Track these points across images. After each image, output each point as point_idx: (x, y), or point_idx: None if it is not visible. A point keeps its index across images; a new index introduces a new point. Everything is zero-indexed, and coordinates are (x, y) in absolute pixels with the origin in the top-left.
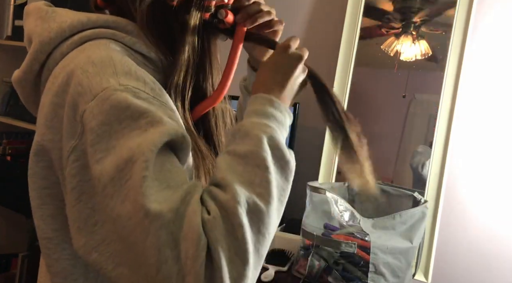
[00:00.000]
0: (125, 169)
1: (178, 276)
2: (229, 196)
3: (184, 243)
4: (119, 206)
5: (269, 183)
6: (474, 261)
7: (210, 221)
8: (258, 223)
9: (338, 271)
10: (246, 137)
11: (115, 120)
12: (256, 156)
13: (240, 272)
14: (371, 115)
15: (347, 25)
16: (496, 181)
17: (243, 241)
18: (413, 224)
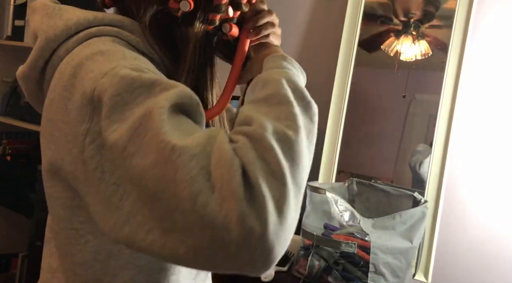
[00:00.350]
0: (142, 124)
1: (216, 203)
2: (256, 126)
3: (216, 171)
4: (142, 161)
5: (295, 115)
6: (474, 261)
7: (240, 148)
8: (289, 150)
9: (338, 271)
10: (264, 85)
11: (125, 90)
12: (277, 95)
13: (280, 191)
14: (371, 115)
15: (347, 25)
16: (496, 181)
17: (277, 164)
18: (413, 224)
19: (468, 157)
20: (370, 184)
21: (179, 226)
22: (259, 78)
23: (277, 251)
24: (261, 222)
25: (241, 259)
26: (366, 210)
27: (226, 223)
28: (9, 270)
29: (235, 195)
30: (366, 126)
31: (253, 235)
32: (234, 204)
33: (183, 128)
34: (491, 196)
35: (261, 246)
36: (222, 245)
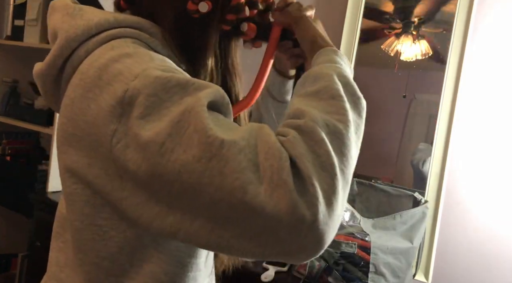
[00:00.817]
0: (182, 120)
1: (265, 194)
2: (306, 118)
3: (265, 163)
4: (183, 155)
5: (346, 110)
6: (475, 261)
7: (289, 141)
8: (339, 143)
9: (338, 271)
10: (316, 79)
11: (161, 90)
12: (329, 89)
13: (330, 184)
14: (371, 115)
15: (347, 25)
16: (497, 181)
17: (327, 156)
18: (414, 224)
19: (468, 157)
20: (370, 184)
21: (225, 215)
22: (310, 72)
23: (326, 239)
24: (311, 211)
25: (290, 246)
26: (366, 210)
27: (276, 212)
28: (9, 270)
29: (286, 185)
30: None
31: (304, 224)
32: (284, 193)
33: (222, 124)
34: (491, 196)
35: (311, 234)
36: (271, 233)
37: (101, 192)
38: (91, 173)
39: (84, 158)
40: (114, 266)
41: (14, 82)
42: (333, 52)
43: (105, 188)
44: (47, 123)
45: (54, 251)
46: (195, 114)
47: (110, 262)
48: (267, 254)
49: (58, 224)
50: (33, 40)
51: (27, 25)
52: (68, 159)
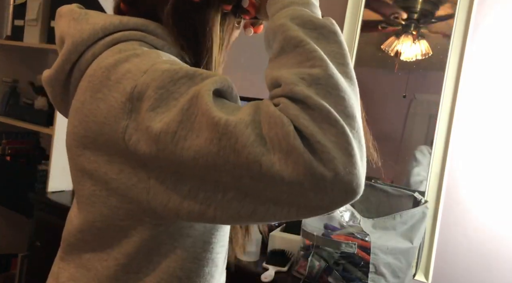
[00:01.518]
0: (190, 107)
1: (280, 162)
2: (283, 84)
3: (270, 132)
4: (196, 141)
5: (313, 51)
6: (475, 261)
7: (282, 108)
8: (324, 88)
9: (338, 271)
10: (274, 35)
11: (169, 82)
12: (288, 39)
13: (334, 132)
14: (371, 115)
15: (347, 25)
16: (497, 181)
17: (319, 108)
18: (414, 224)
19: (468, 157)
20: (370, 184)
21: (250, 188)
22: (266, 31)
23: (355, 185)
24: (328, 167)
25: (323, 202)
26: (366, 210)
27: (295, 177)
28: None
29: (296, 148)
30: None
31: (326, 181)
32: (297, 156)
33: (228, 107)
34: (491, 196)
35: (337, 187)
36: (299, 194)
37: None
38: (113, 170)
39: (103, 156)
40: (133, 263)
41: (14, 82)
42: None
43: (129, 181)
44: (47, 123)
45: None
46: (201, 98)
47: (129, 259)
48: (302, 215)
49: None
50: (33, 40)
51: (27, 25)
52: (85, 161)
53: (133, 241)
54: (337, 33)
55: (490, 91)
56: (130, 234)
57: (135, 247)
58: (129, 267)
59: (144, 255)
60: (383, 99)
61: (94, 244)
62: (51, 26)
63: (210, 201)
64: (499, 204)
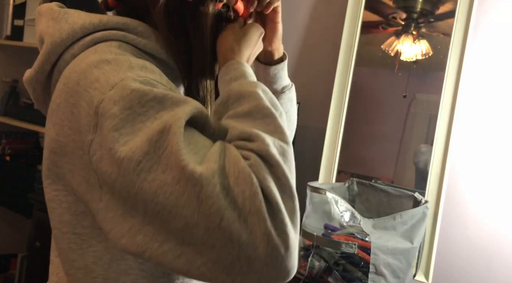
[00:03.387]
0: (160, 139)
1: (239, 220)
2: (258, 142)
3: (237, 188)
4: (160, 176)
5: (281, 127)
6: (475, 261)
7: (253, 165)
8: (288, 162)
9: (339, 271)
10: (241, 99)
11: (137, 104)
12: (260, 108)
13: (291, 206)
14: (371, 115)
15: (347, 25)
16: (497, 181)
17: (285, 179)
18: (414, 224)
19: (469, 157)
20: (370, 184)
21: (198, 240)
22: (231, 91)
23: (295, 265)
24: (283, 239)
25: (264, 275)
26: (366, 210)
27: (251, 240)
28: (8, 271)
29: (259, 212)
30: (366, 126)
31: (279, 252)
32: (259, 221)
33: (197, 144)
34: (492, 196)
35: (285, 261)
36: (246, 262)
37: (83, 199)
38: (74, 180)
39: (67, 164)
40: (87, 278)
41: (14, 82)
42: (240, 65)
43: (85, 196)
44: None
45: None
46: (172, 135)
47: (84, 273)
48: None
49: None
50: (32, 40)
51: (26, 25)
52: (52, 165)
53: (92, 252)
54: (283, 112)
55: (490, 91)
56: (88, 245)
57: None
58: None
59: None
60: (383, 99)
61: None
62: None
63: (146, 247)
64: (499, 204)
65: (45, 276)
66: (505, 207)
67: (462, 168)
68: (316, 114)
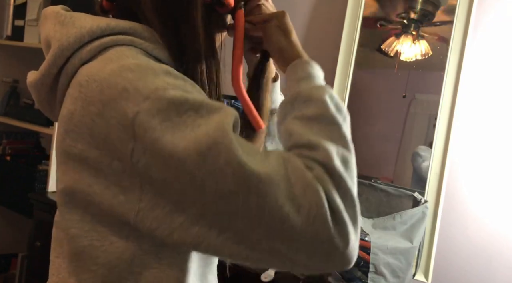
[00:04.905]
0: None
1: (303, 225)
2: (324, 153)
3: (303, 199)
4: (219, 185)
5: (345, 135)
6: (475, 261)
7: (318, 176)
8: (350, 172)
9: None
10: (309, 102)
11: (175, 115)
12: (327, 115)
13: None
14: (371, 115)
15: (347, 25)
16: (497, 181)
17: (348, 190)
18: (414, 224)
19: (469, 157)
20: (370, 184)
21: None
22: (298, 93)
23: (354, 259)
24: (344, 240)
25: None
26: (366, 210)
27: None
28: (9, 271)
29: (326, 220)
30: (366, 126)
31: (338, 251)
32: (324, 228)
33: (250, 151)
34: (492, 196)
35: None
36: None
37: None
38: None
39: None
40: (112, 274)
41: (14, 82)
42: (308, 65)
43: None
44: (47, 123)
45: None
46: (226, 146)
47: (107, 269)
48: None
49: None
50: (33, 40)
51: (27, 25)
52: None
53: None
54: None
55: (490, 91)
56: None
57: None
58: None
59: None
60: (382, 99)
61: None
62: None
63: (203, 238)
64: (499, 204)
65: (46, 276)
66: (505, 207)
67: (461, 168)
68: None
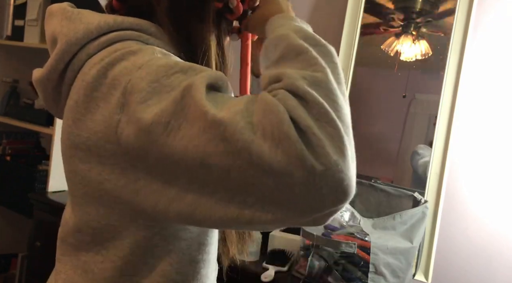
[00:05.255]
0: (184, 98)
1: (270, 150)
2: (286, 79)
3: (264, 119)
4: (189, 131)
5: (315, 58)
6: (475, 261)
7: (280, 98)
8: (324, 91)
9: (338, 271)
10: (276, 45)
11: (163, 76)
12: (292, 47)
13: (331, 131)
14: (371, 115)
15: (347, 25)
16: (497, 181)
17: (318, 104)
18: (413, 224)
19: (468, 157)
20: (370, 184)
21: (240, 183)
22: (268, 42)
23: (345, 186)
24: (320, 161)
25: (309, 201)
26: (366, 210)
27: (284, 166)
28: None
29: (288, 137)
30: (366, 126)
31: (316, 174)
32: (289, 145)
33: (221, 98)
34: (492, 196)
35: (326, 183)
36: (286, 189)
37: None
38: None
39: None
40: (128, 265)
41: (14, 82)
42: (282, 16)
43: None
44: (47, 123)
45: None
46: (194, 89)
47: (124, 261)
48: (290, 217)
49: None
50: (33, 40)
51: (27, 25)
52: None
53: (127, 243)
54: (335, 55)
55: (490, 91)
56: (124, 235)
57: (130, 249)
58: (124, 269)
59: (139, 257)
60: (383, 99)
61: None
62: None
63: (197, 204)
64: (499, 203)
65: (46, 276)
66: (505, 207)
67: (461, 168)
68: None
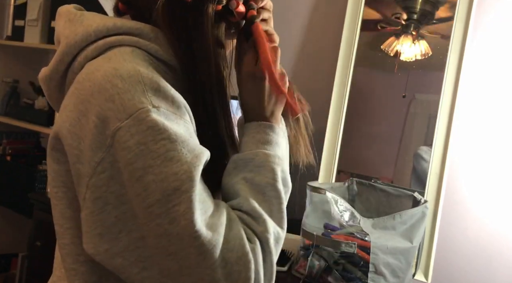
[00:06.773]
0: (173, 195)
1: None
2: (263, 228)
3: (235, 266)
4: (167, 225)
5: (283, 212)
6: (475, 261)
7: (254, 249)
8: (278, 247)
9: (338, 271)
10: (261, 168)
11: (151, 140)
12: (273, 189)
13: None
14: (371, 115)
15: (347, 25)
16: (497, 181)
17: (272, 266)
18: (413, 224)
19: (468, 157)
20: (370, 184)
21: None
22: (255, 155)
23: None
24: None
25: None
26: (366, 210)
27: None
28: (9, 270)
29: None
30: (366, 126)
31: None
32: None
33: (203, 198)
34: (491, 196)
35: None
36: None
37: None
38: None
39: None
40: (92, 271)
41: (14, 82)
42: (271, 130)
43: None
44: (47, 123)
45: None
46: (185, 196)
47: (89, 267)
48: None
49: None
50: (33, 40)
51: (27, 25)
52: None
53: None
54: (289, 193)
55: (490, 91)
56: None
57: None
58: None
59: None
60: (383, 99)
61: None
62: (52, 26)
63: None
64: (499, 203)
65: (46, 275)
66: (505, 207)
67: (461, 168)
68: (315, 114)
